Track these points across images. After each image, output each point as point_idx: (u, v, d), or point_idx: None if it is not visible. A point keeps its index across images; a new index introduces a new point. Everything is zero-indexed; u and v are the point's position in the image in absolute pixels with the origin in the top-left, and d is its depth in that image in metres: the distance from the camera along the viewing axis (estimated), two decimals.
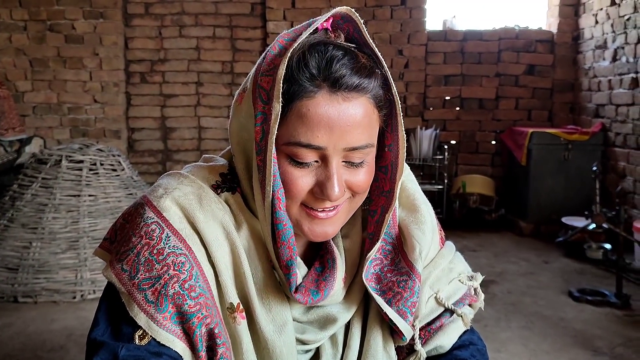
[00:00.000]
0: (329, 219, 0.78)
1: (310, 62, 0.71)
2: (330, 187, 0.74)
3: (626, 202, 4.04)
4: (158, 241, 0.74)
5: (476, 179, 4.77)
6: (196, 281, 0.74)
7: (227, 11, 4.95)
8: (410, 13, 4.91)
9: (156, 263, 0.73)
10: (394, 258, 0.88)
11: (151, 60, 4.98)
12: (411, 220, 0.89)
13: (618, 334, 2.59)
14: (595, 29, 4.56)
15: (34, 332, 2.58)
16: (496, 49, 4.97)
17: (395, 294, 0.84)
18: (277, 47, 0.74)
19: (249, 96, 0.77)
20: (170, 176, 0.82)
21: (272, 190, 0.73)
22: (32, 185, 3.16)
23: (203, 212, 0.77)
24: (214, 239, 0.76)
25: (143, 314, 0.71)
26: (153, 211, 0.76)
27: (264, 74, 0.74)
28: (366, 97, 0.74)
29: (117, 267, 0.74)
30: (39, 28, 4.83)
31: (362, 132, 0.74)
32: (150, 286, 0.72)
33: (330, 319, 0.84)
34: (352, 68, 0.72)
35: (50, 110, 4.93)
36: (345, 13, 0.75)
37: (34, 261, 2.96)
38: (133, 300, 0.72)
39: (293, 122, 0.72)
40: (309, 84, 0.71)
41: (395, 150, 0.81)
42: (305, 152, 0.73)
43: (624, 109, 4.15)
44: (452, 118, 5.04)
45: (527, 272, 3.52)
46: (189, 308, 0.72)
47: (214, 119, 5.04)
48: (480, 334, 0.97)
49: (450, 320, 0.89)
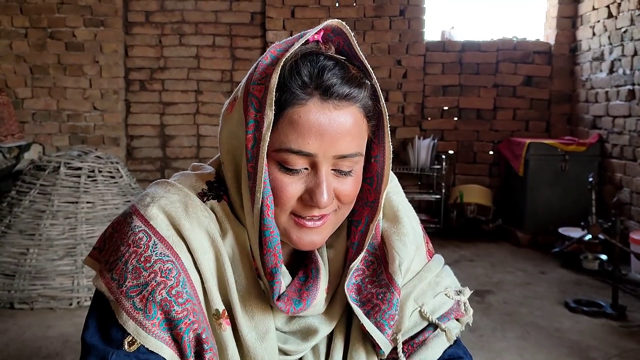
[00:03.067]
0: (316, 228, 0.79)
1: (302, 70, 0.73)
2: (319, 193, 0.75)
3: (622, 213, 4.05)
4: (145, 249, 0.74)
5: (474, 189, 4.78)
6: (183, 287, 0.74)
7: (227, 20, 4.98)
8: (409, 24, 4.94)
9: (143, 270, 0.73)
10: (375, 269, 0.88)
11: (151, 68, 5.00)
12: (393, 231, 0.89)
13: (614, 345, 2.59)
14: (593, 41, 4.59)
15: (29, 339, 2.57)
16: (494, 60, 5.00)
17: (374, 305, 0.84)
18: (269, 57, 0.76)
19: (240, 104, 0.77)
20: (158, 185, 0.83)
21: (262, 197, 0.74)
22: (30, 191, 3.17)
23: (189, 220, 0.77)
24: (199, 246, 0.77)
25: (132, 321, 0.72)
26: (140, 220, 0.77)
27: (256, 82, 0.75)
28: (356, 106, 0.75)
29: (107, 276, 0.75)
30: (40, 35, 4.85)
31: (351, 141, 0.75)
32: (138, 293, 0.73)
33: (312, 330, 0.84)
34: (343, 78, 0.74)
35: (49, 117, 4.94)
36: (336, 26, 0.77)
37: (30, 267, 2.96)
38: (121, 307, 0.72)
39: (284, 128, 0.74)
40: (300, 92, 0.73)
41: (382, 161, 0.82)
42: (295, 159, 0.74)
43: (620, 120, 4.17)
44: (450, 128, 5.06)
45: (524, 282, 3.53)
46: (176, 314, 0.73)
47: (212, 127, 5.06)
48: (476, 344, 0.97)
49: (434, 335, 0.88)
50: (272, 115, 0.72)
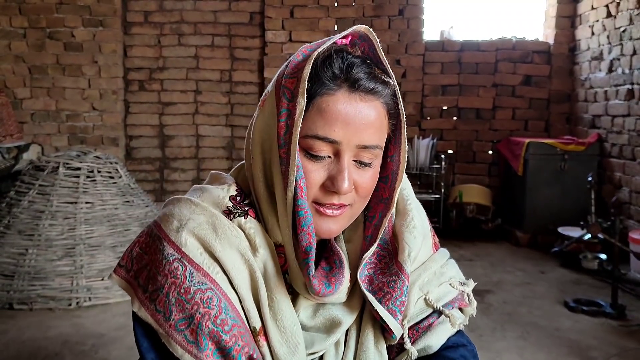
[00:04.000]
0: (334, 217, 0.83)
1: (334, 63, 0.79)
2: (341, 179, 0.79)
3: (622, 212, 4.06)
4: (183, 279, 0.77)
5: (473, 188, 4.78)
6: (226, 314, 0.77)
7: (226, 20, 4.98)
8: (408, 23, 4.94)
9: (186, 303, 0.76)
10: (387, 262, 0.92)
11: (150, 68, 4.99)
12: (402, 223, 0.94)
13: (613, 344, 2.60)
14: (592, 41, 4.59)
15: (29, 340, 2.57)
16: (493, 60, 5.00)
17: (385, 293, 0.88)
18: (301, 55, 0.82)
19: (272, 97, 0.83)
20: (182, 205, 0.83)
21: (295, 179, 0.78)
22: (29, 192, 3.16)
23: (220, 241, 0.80)
24: (233, 267, 0.80)
25: (188, 354, 0.75)
26: (172, 247, 0.79)
27: (288, 76, 0.80)
28: (380, 101, 0.81)
29: (150, 307, 0.77)
30: (39, 35, 4.84)
31: (374, 133, 0.81)
32: (187, 326, 0.76)
33: (336, 322, 0.87)
34: (369, 74, 0.80)
35: (48, 118, 4.93)
36: (363, 32, 0.84)
37: (29, 268, 2.95)
38: (174, 341, 0.75)
39: (313, 116, 0.79)
40: (330, 82, 0.79)
41: (397, 161, 0.87)
42: (321, 146, 0.79)
43: (619, 119, 4.18)
44: (449, 128, 5.06)
45: (523, 282, 3.53)
46: (226, 343, 0.76)
47: (212, 127, 5.05)
48: (476, 344, 0.98)
49: (439, 321, 0.92)
50: (304, 103, 0.78)
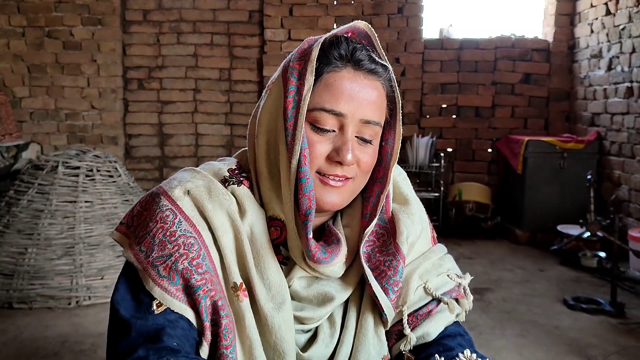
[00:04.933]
0: (337, 188, 0.89)
1: (341, 45, 0.87)
2: (345, 150, 0.86)
3: (621, 210, 4.06)
4: (171, 225, 0.84)
5: (472, 187, 4.78)
6: (203, 260, 0.83)
7: (225, 19, 4.97)
8: (407, 22, 4.93)
9: (169, 243, 0.83)
10: (385, 241, 0.96)
11: (149, 67, 4.99)
12: (402, 210, 0.99)
13: (612, 342, 2.60)
14: (591, 38, 4.59)
15: (28, 339, 2.57)
16: (492, 58, 5.00)
17: (381, 272, 0.92)
18: (307, 44, 0.89)
19: (279, 80, 0.89)
20: (185, 171, 0.93)
21: (300, 148, 0.84)
22: (29, 191, 3.16)
23: (211, 202, 0.87)
24: (220, 225, 0.86)
25: (157, 287, 0.81)
26: (168, 200, 0.87)
27: (295, 60, 0.88)
28: (380, 82, 0.89)
29: (135, 248, 0.84)
30: (37, 34, 4.84)
31: (376, 109, 0.88)
32: (163, 262, 0.82)
33: (328, 297, 0.91)
34: (370, 57, 0.88)
35: (47, 117, 4.93)
36: (362, 28, 0.91)
37: (29, 267, 2.95)
38: (148, 275, 0.82)
39: (320, 91, 0.86)
40: (337, 61, 0.87)
41: (392, 143, 0.94)
42: (327, 118, 0.86)
43: (619, 117, 4.17)
44: (449, 126, 5.06)
45: (523, 280, 3.53)
46: (196, 282, 0.82)
47: (211, 125, 5.05)
48: (475, 342, 1.00)
49: (437, 309, 0.96)
50: (313, 80, 0.85)
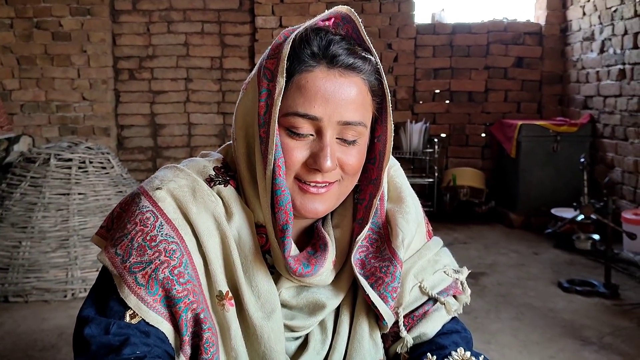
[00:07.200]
0: (320, 195, 0.82)
1: (312, 42, 0.79)
2: (323, 156, 0.79)
3: (614, 192, 4.08)
4: (152, 228, 0.78)
5: (466, 171, 4.79)
6: (185, 268, 0.78)
7: (215, 6, 4.93)
8: (399, 7, 4.90)
9: (148, 249, 0.77)
10: (379, 246, 0.91)
11: (139, 56, 4.95)
12: (396, 210, 0.93)
13: (607, 323, 2.62)
14: (583, 21, 4.58)
15: (24, 332, 2.57)
16: (485, 42, 4.98)
17: (377, 278, 0.87)
18: (282, 37, 0.81)
19: (254, 80, 0.82)
20: (167, 169, 0.86)
21: (274, 158, 0.78)
22: (21, 184, 3.14)
23: (196, 204, 0.81)
24: (205, 230, 0.80)
25: (133, 295, 0.75)
26: (149, 200, 0.80)
27: (269, 57, 0.81)
28: (360, 77, 0.80)
29: (111, 251, 0.78)
30: (26, 26, 4.78)
31: (355, 109, 0.80)
32: (141, 269, 0.76)
33: (319, 305, 0.87)
34: (348, 50, 0.80)
35: (38, 109, 4.89)
36: (345, 13, 0.82)
37: (24, 260, 2.94)
38: (124, 282, 0.76)
39: (292, 94, 0.79)
40: (309, 60, 0.79)
41: (384, 140, 0.86)
42: (302, 123, 0.79)
43: (611, 100, 4.18)
44: (442, 111, 5.05)
45: (517, 263, 3.55)
46: (177, 293, 0.76)
47: (203, 115, 5.03)
48: (470, 326, 0.99)
49: (434, 309, 0.92)
50: (284, 82, 0.78)
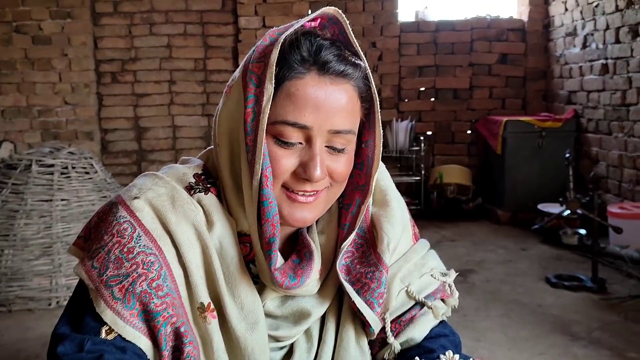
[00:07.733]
0: (308, 204, 0.80)
1: (302, 46, 0.76)
2: (313, 167, 0.76)
3: (600, 187, 4.10)
4: (129, 240, 0.75)
5: (453, 169, 4.80)
6: (164, 281, 0.75)
7: (197, 7, 4.89)
8: (382, 5, 4.90)
9: (125, 261, 0.74)
10: (365, 251, 0.89)
11: (122, 59, 4.89)
12: (381, 214, 0.91)
13: (595, 318, 2.63)
14: (565, 16, 4.60)
15: (8, 342, 2.52)
16: (469, 39, 4.99)
17: (363, 284, 0.85)
18: (268, 39, 0.78)
19: (239, 84, 0.79)
20: (146, 177, 0.83)
21: (261, 168, 0.75)
22: (2, 191, 3.09)
23: (175, 214, 0.78)
24: (185, 240, 0.78)
25: (109, 310, 0.72)
26: (126, 210, 0.77)
27: (255, 61, 0.77)
28: (351, 84, 0.78)
29: (87, 264, 0.75)
30: (5, 30, 4.71)
31: (346, 117, 0.78)
32: (118, 283, 0.73)
33: (304, 314, 0.85)
34: (339, 56, 0.77)
35: (19, 114, 4.82)
36: (332, 14, 0.79)
37: (6, 269, 2.89)
38: (100, 296, 0.73)
39: (282, 101, 0.76)
40: (299, 66, 0.76)
41: (372, 146, 0.84)
42: (291, 132, 0.76)
43: (595, 95, 4.20)
44: (428, 109, 5.06)
45: (505, 260, 3.56)
46: (155, 307, 0.74)
47: (188, 117, 4.98)
48: (460, 324, 0.98)
49: (421, 313, 0.90)
50: (272, 89, 0.74)
